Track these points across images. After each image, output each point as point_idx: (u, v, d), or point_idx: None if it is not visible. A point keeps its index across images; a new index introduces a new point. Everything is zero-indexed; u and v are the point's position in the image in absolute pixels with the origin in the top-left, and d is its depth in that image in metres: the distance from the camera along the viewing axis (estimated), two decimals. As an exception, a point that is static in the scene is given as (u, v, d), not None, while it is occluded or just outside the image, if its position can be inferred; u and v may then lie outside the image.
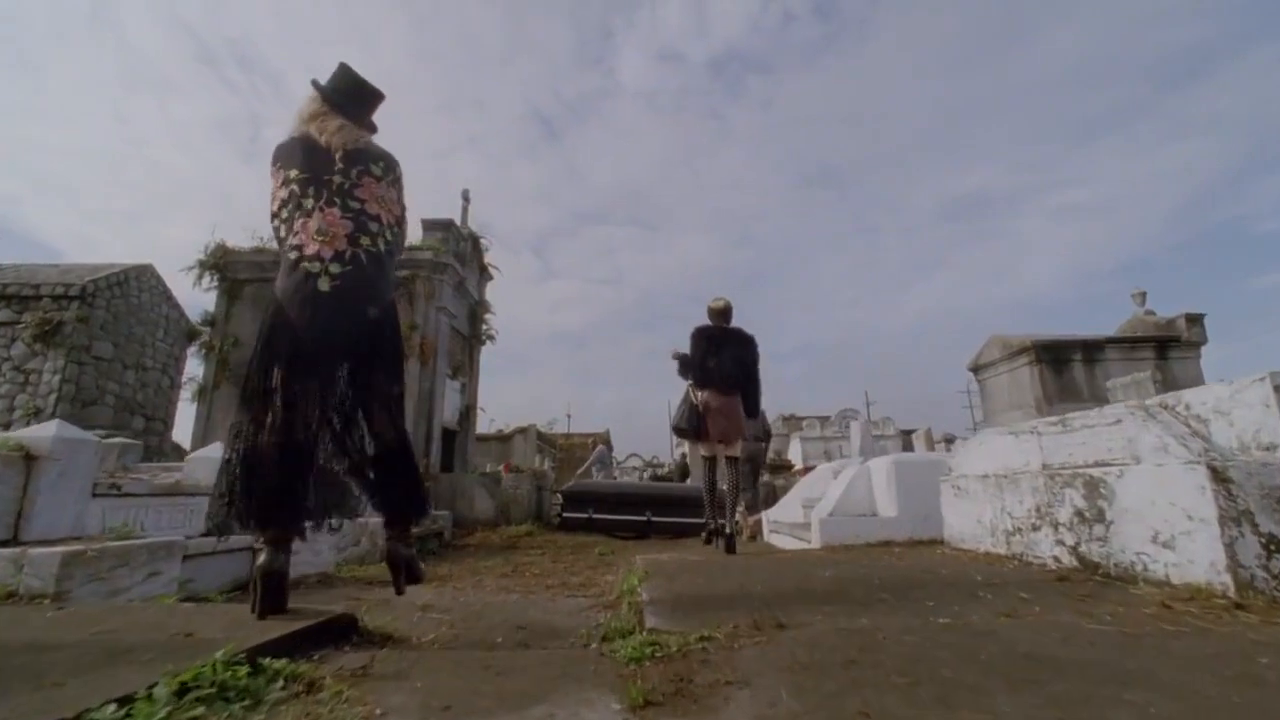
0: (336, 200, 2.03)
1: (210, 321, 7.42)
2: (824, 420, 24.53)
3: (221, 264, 7.38)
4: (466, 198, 9.13)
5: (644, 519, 7.68)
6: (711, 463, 4.89)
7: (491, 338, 9.48)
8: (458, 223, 8.83)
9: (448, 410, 8.16)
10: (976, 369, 11.93)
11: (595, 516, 7.73)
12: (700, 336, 4.58)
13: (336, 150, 2.09)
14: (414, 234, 7.84)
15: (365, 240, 2.01)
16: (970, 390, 42.85)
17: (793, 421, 26.93)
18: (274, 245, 7.65)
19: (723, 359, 4.47)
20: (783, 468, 9.47)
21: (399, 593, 2.29)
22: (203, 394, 7.20)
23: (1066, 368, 10.30)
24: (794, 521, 5.92)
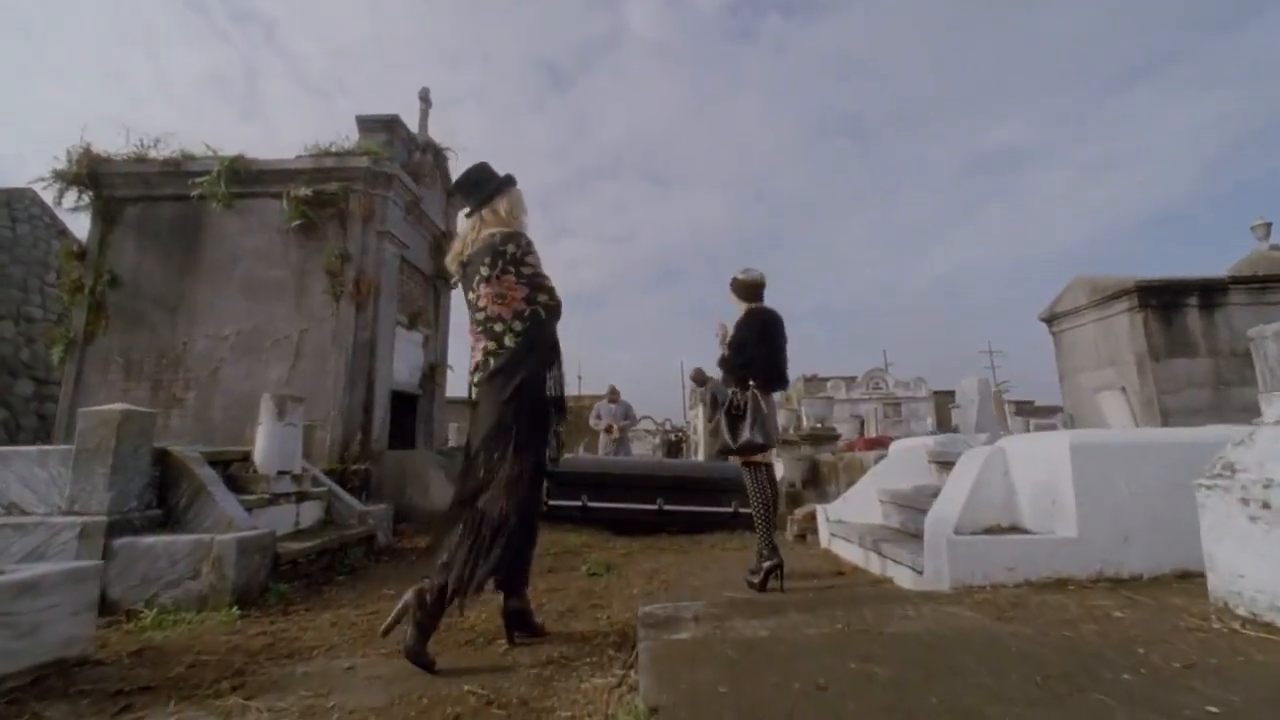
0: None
1: (80, 253, 5.63)
2: (849, 381, 22.67)
3: (90, 176, 5.53)
4: (426, 99, 7.14)
5: (654, 508, 5.94)
6: (765, 473, 3.42)
7: (464, 280, 7.63)
8: (414, 129, 6.87)
9: (402, 368, 6.39)
10: (1052, 318, 9.94)
11: (591, 505, 6.00)
12: (757, 323, 3.55)
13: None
14: (349, 135, 5.93)
15: (492, 346, 2.31)
16: (994, 351, 40.77)
17: (815, 383, 25.09)
18: (159, 153, 5.78)
19: (776, 350, 3.54)
20: (825, 438, 7.66)
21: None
22: (71, 349, 5.46)
23: (1178, 315, 8.29)
24: (870, 524, 4.13)
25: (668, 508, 5.94)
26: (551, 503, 6.06)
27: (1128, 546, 2.68)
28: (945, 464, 3.87)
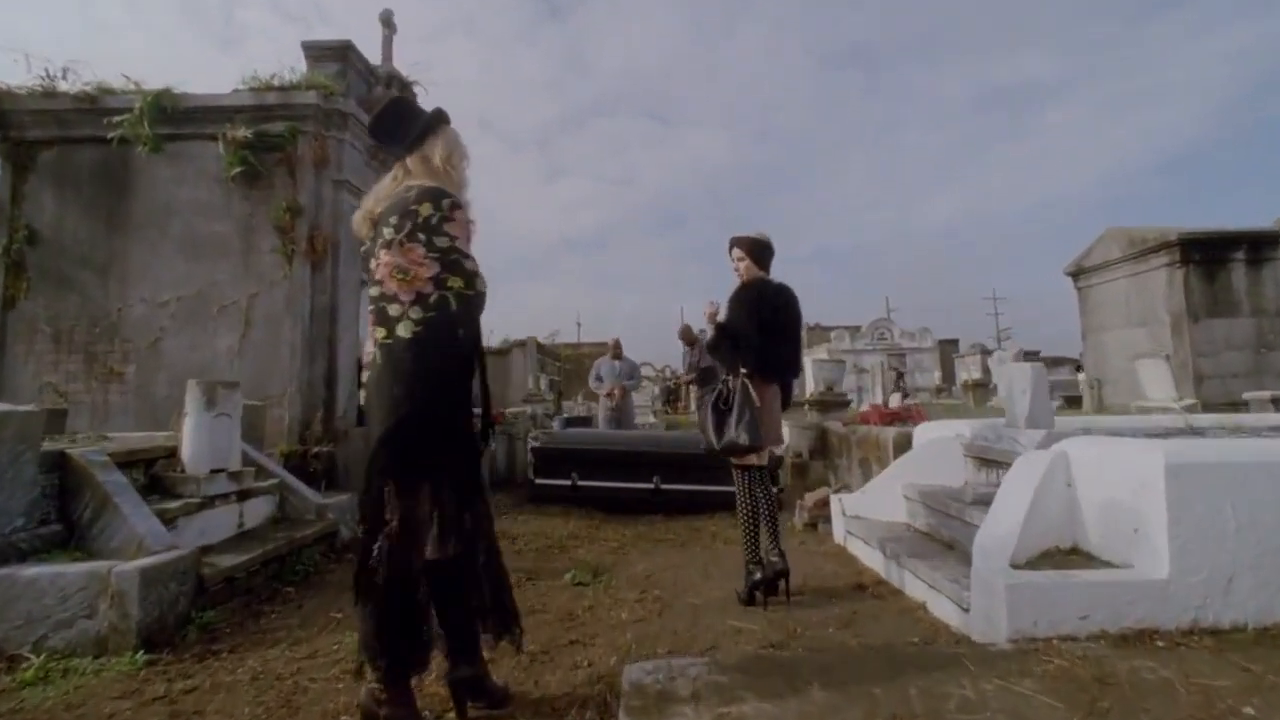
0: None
1: (-10, 205, 4.90)
2: (854, 331, 22.08)
3: (-7, 115, 4.74)
4: (388, 22, 6.20)
5: (650, 487, 5.48)
6: (757, 476, 3.03)
7: (441, 232, 6.89)
8: (377, 59, 5.99)
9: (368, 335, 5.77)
10: (1080, 272, 9.26)
11: (581, 484, 5.53)
12: (753, 295, 3.02)
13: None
14: (296, 66, 5.08)
15: (381, 333, 1.74)
16: (998, 298, 40.05)
17: (818, 332, 24.52)
18: (75, 89, 4.95)
19: (776, 330, 3.00)
20: (834, 404, 7.14)
21: None
22: (-12, 316, 4.83)
23: (1222, 270, 7.62)
24: (892, 523, 3.65)
25: (664, 487, 5.48)
26: (539, 481, 5.61)
27: (1230, 591, 2.16)
28: (986, 461, 3.34)
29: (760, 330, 2.96)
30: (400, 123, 1.93)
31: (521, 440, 6.59)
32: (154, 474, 3.31)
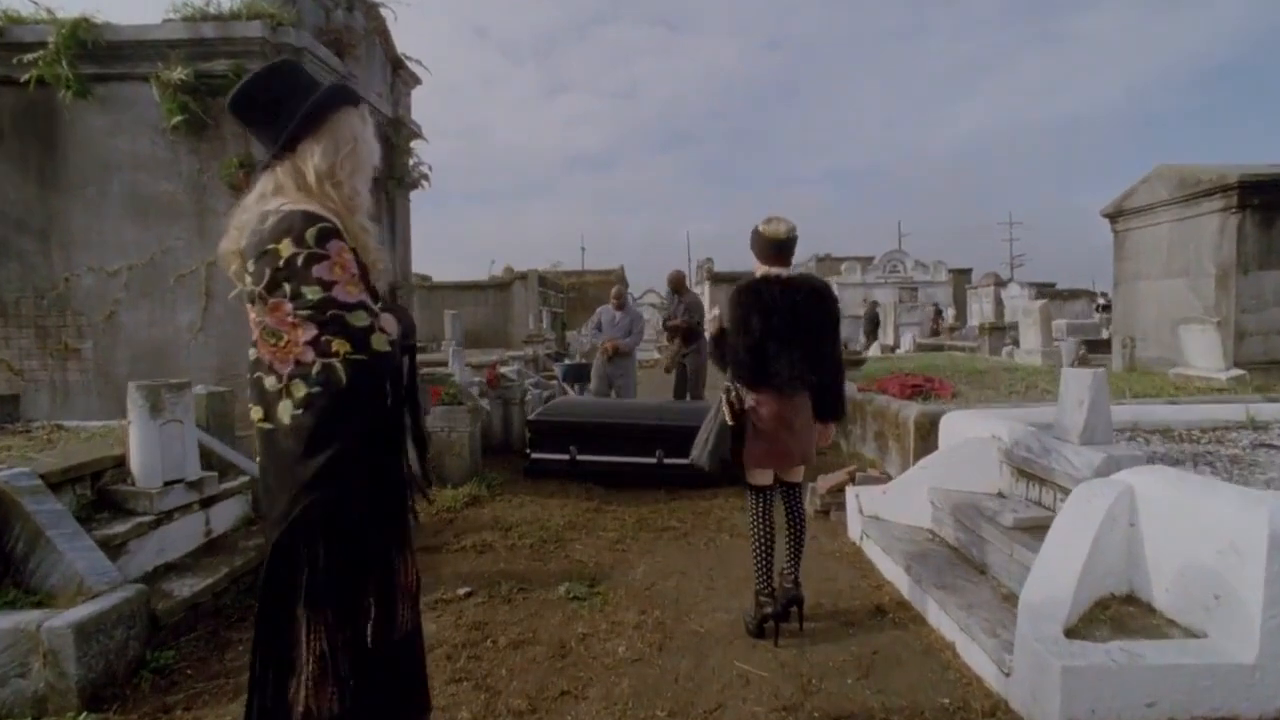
0: None
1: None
2: (865, 262, 21.30)
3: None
4: (348, -72, 5.29)
5: (653, 462, 5.20)
6: (766, 497, 2.73)
7: (424, 176, 6.25)
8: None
9: (350, 299, 5.32)
10: (1120, 214, 8.56)
11: (581, 459, 5.25)
12: (747, 303, 2.58)
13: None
14: (236, -11, 4.32)
15: (257, 414, 1.32)
16: (1014, 223, 38.50)
17: (829, 263, 23.71)
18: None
19: (787, 340, 2.53)
20: (849, 362, 6.70)
21: None
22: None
23: (1282, 216, 6.95)
24: (915, 528, 3.35)
25: (668, 461, 5.20)
26: (536, 456, 5.33)
27: (1330, 674, 1.85)
28: (1027, 474, 2.98)
29: (767, 336, 2.54)
30: (275, 106, 1.35)
31: (518, 405, 6.28)
32: (102, 488, 3.00)
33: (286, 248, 1.23)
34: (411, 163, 6.10)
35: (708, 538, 4.02)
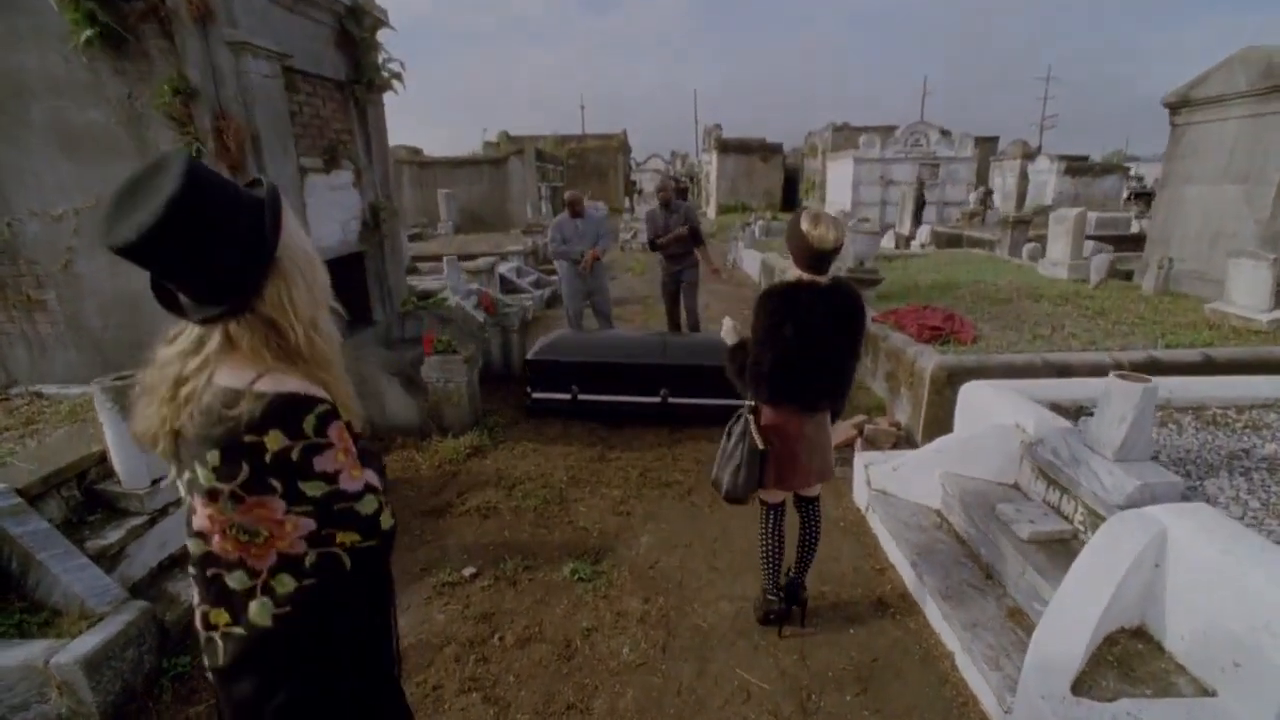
0: None
1: None
2: (885, 134, 19.68)
3: None
4: None
5: (657, 401, 5.10)
6: (778, 512, 2.65)
7: (397, 76, 5.44)
8: None
9: (329, 228, 4.87)
10: (1183, 104, 7.61)
11: (583, 398, 5.14)
12: (781, 310, 2.27)
13: None
14: None
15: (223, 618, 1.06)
16: (1053, 79, 34.92)
17: (846, 132, 21.96)
18: None
19: (818, 353, 2.30)
20: (866, 281, 6.34)
21: None
22: None
23: (1374, 117, 6.13)
24: (922, 508, 3.32)
25: (672, 400, 5.10)
26: (536, 395, 5.22)
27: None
28: (1048, 479, 2.85)
29: (799, 348, 2.27)
30: (205, 240, 0.95)
31: (517, 333, 6.04)
32: (90, 487, 2.90)
33: (276, 440, 0.96)
34: (381, 59, 5.27)
35: (711, 496, 4.02)
